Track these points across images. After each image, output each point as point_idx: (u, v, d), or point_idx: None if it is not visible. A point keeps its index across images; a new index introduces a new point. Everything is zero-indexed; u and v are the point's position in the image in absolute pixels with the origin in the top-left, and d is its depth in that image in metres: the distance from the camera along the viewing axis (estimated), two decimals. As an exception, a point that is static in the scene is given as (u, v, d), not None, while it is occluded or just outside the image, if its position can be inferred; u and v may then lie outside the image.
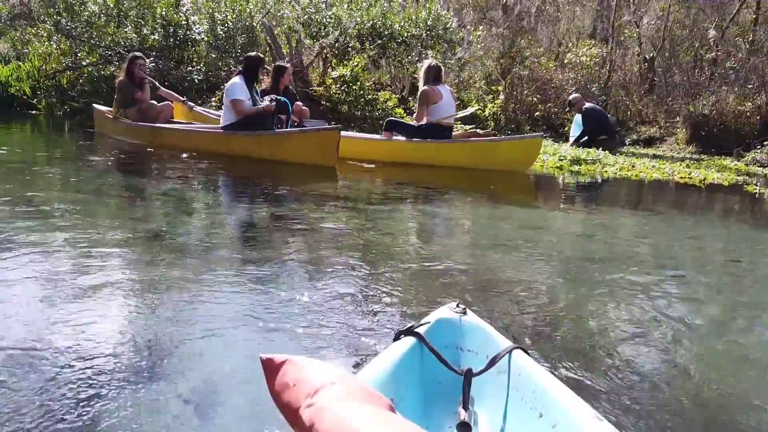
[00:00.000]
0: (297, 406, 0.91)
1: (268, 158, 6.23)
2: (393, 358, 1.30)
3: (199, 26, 10.95)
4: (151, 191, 4.62)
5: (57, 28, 11.05)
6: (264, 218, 3.85)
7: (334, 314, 2.16)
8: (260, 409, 1.51)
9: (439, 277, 2.72)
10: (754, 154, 9.00)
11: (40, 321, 1.94)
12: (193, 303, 2.18)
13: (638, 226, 4.42)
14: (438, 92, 6.64)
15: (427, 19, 11.34)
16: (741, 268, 3.31)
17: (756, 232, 4.58)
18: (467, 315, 1.48)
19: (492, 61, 12.76)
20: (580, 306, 2.46)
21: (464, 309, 1.49)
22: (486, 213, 4.57)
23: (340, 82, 9.91)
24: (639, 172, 7.22)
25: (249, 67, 6.49)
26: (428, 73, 6.70)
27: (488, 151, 6.74)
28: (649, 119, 12.00)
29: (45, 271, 2.42)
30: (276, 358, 1.02)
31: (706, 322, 2.37)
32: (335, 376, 0.95)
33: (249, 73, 6.46)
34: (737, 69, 11.04)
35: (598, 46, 13.80)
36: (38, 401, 1.49)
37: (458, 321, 1.46)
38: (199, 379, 1.65)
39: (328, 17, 10.78)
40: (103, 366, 1.67)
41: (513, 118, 11.35)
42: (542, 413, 1.20)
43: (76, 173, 5.20)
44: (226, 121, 6.46)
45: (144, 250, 2.84)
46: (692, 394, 1.76)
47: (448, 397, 1.34)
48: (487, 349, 1.39)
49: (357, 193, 5.15)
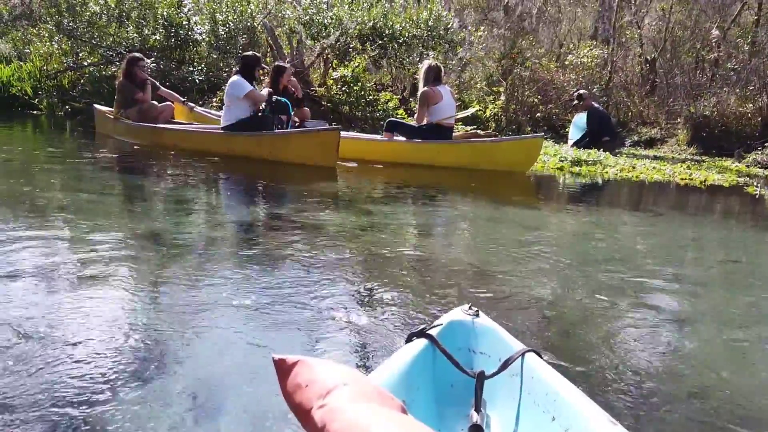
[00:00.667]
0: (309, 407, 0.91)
1: (268, 158, 6.23)
2: (405, 360, 1.29)
3: (201, 27, 10.96)
4: (151, 191, 4.63)
5: (58, 28, 11.06)
6: (264, 218, 3.85)
7: (335, 314, 2.16)
8: (259, 407, 1.51)
9: (441, 278, 2.72)
10: (755, 155, 8.98)
11: (39, 319, 1.95)
12: (193, 302, 2.18)
13: (639, 227, 4.42)
14: (438, 93, 6.64)
15: (428, 20, 11.34)
16: (741, 268, 3.31)
17: (756, 233, 4.58)
18: (480, 317, 1.48)
19: (493, 61, 12.75)
20: (581, 306, 2.46)
21: (477, 311, 1.49)
22: (487, 214, 4.57)
23: (341, 82, 9.90)
24: (640, 174, 7.21)
25: (246, 66, 6.51)
26: (428, 74, 6.70)
27: (489, 151, 6.74)
28: (650, 120, 11.98)
29: (44, 269, 2.42)
30: (288, 359, 1.02)
31: (707, 321, 2.36)
32: (347, 377, 0.95)
33: (246, 72, 6.47)
34: (738, 70, 11.03)
35: (599, 47, 13.79)
36: (36, 399, 1.49)
37: (471, 323, 1.46)
38: (199, 377, 1.65)
39: (329, 18, 10.78)
40: (101, 364, 1.68)
41: (514, 119, 11.33)
42: (555, 417, 1.19)
43: (76, 173, 5.21)
44: (226, 121, 6.47)
45: (144, 249, 2.84)
46: (700, 394, 1.75)
47: (460, 399, 1.34)
48: (500, 352, 1.38)
49: (358, 194, 5.15)
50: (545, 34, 17.62)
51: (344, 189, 5.35)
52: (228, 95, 6.48)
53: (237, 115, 6.37)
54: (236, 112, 6.38)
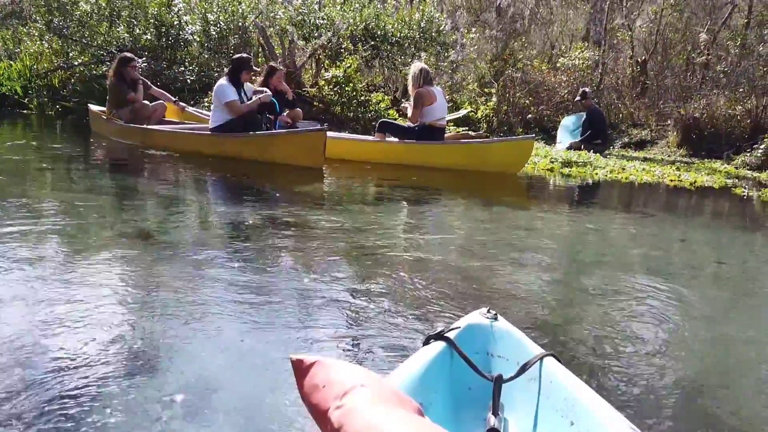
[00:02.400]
0: (326, 408, 0.91)
1: (256, 159, 6.19)
2: (423, 363, 1.29)
3: (192, 26, 10.91)
4: (141, 192, 4.61)
5: (49, 27, 11.00)
6: (255, 220, 3.85)
7: (324, 313, 2.16)
8: (252, 407, 1.51)
9: (433, 279, 2.72)
10: (743, 157, 9.03)
11: (30, 320, 1.94)
12: (185, 302, 2.17)
13: (628, 228, 4.44)
14: (432, 94, 6.68)
15: (420, 21, 11.35)
16: (729, 269, 3.34)
17: (743, 234, 4.61)
18: (498, 321, 1.47)
19: (485, 63, 12.78)
20: (571, 306, 2.47)
21: (495, 315, 1.48)
22: (478, 215, 4.58)
23: (332, 83, 9.89)
24: (629, 175, 7.25)
25: (234, 68, 6.49)
26: (421, 75, 6.72)
27: (480, 152, 6.75)
28: (641, 122, 12.03)
29: (34, 269, 2.41)
30: (306, 360, 1.03)
31: (696, 320, 2.38)
32: (365, 379, 0.95)
33: (235, 74, 6.45)
34: (728, 72, 11.10)
35: (590, 49, 13.85)
36: (29, 400, 1.48)
37: (489, 327, 1.46)
38: (191, 377, 1.65)
39: (321, 18, 10.77)
40: (94, 365, 1.67)
41: (505, 121, 11.35)
42: (573, 421, 1.19)
43: (66, 173, 5.18)
44: (215, 122, 6.44)
45: (134, 249, 2.83)
46: (689, 390, 1.77)
47: (477, 403, 1.33)
48: (518, 356, 1.37)
49: (350, 196, 5.15)
50: (537, 36, 17.68)
51: (336, 190, 5.35)
52: (214, 98, 6.47)
53: (225, 116, 6.35)
54: (224, 114, 6.35)
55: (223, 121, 6.35)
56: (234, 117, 6.31)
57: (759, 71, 10.33)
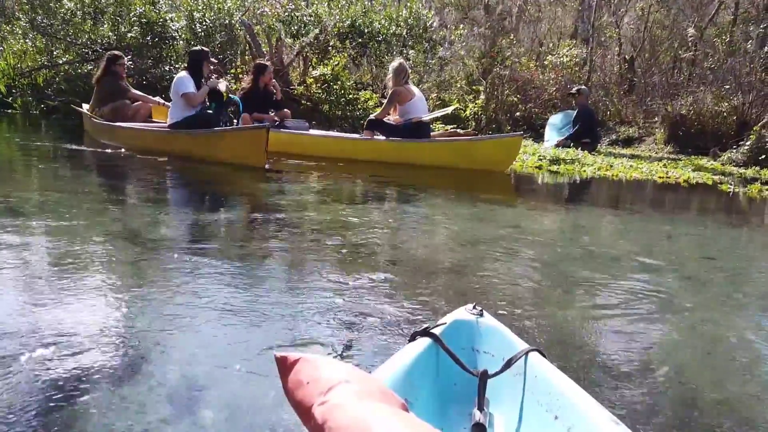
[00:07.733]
0: (310, 404, 0.90)
1: (204, 158, 5.97)
2: (408, 359, 1.29)
3: (177, 23, 10.83)
4: (111, 192, 4.56)
5: (32, 25, 10.89)
6: (240, 218, 3.81)
7: (309, 311, 2.13)
8: (240, 405, 1.50)
9: (420, 275, 2.70)
10: (729, 153, 9.10)
11: (17, 320, 1.91)
12: (168, 301, 2.14)
13: (616, 225, 4.44)
14: (411, 91, 6.80)
15: (408, 18, 11.34)
16: (715, 264, 3.34)
17: (730, 230, 4.63)
18: (484, 317, 1.47)
19: (473, 60, 12.79)
20: (558, 303, 2.46)
21: (481, 311, 1.48)
22: (466, 212, 4.56)
23: (320, 81, 9.86)
24: (617, 172, 7.27)
25: (193, 61, 6.32)
26: (400, 73, 6.76)
27: (468, 150, 6.74)
28: (628, 119, 12.10)
29: (21, 270, 2.37)
30: (290, 356, 1.02)
31: (684, 316, 2.38)
32: (349, 375, 0.95)
33: (194, 67, 6.28)
34: (715, 69, 11.17)
35: (578, 46, 13.90)
36: (18, 400, 1.46)
37: (475, 322, 1.46)
38: (174, 376, 1.64)
39: (308, 15, 10.73)
40: (82, 364, 1.66)
41: (494, 118, 11.37)
42: (558, 415, 1.19)
43: (51, 172, 5.12)
44: (173, 118, 6.28)
45: (116, 249, 2.79)
46: (674, 386, 1.76)
47: (463, 398, 1.34)
48: (504, 351, 1.38)
49: (337, 193, 5.12)
50: (525, 33, 17.73)
51: (322, 189, 5.31)
52: (173, 91, 6.28)
53: (183, 113, 6.18)
54: (182, 110, 6.19)
55: (181, 117, 6.17)
56: (191, 112, 6.14)
57: (745, 68, 10.41)
